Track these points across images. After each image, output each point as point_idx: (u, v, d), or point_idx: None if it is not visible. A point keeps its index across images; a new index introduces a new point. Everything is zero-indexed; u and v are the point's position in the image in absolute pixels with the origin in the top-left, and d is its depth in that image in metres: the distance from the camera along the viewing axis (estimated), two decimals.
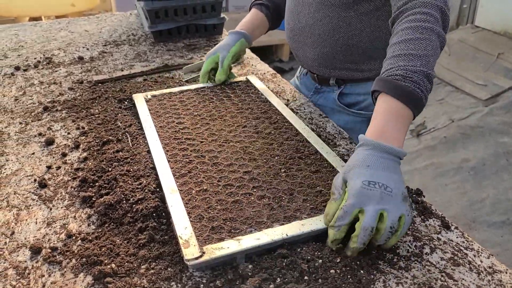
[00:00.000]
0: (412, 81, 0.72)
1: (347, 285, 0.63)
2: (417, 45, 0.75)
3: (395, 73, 0.74)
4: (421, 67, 0.73)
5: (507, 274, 0.65)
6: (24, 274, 0.68)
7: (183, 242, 0.67)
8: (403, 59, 0.75)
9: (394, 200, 0.64)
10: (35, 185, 0.88)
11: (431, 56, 0.74)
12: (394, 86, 0.73)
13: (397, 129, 0.71)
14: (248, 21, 1.28)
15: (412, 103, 0.72)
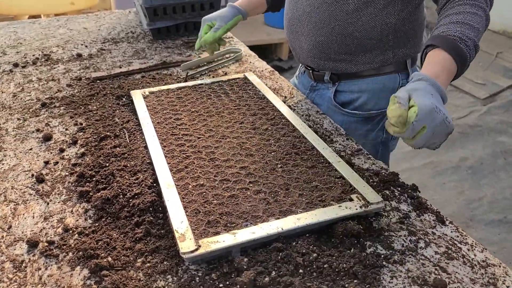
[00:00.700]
0: (466, 45, 0.81)
1: (341, 278, 0.63)
2: (473, 18, 0.84)
3: (453, 34, 0.82)
4: (474, 37, 0.82)
5: (501, 268, 0.66)
6: (21, 267, 0.68)
7: (179, 235, 0.67)
8: (460, 26, 0.83)
9: (447, 130, 0.73)
10: (33, 180, 0.88)
11: (481, 32, 0.85)
12: (451, 44, 0.81)
13: (446, 78, 0.80)
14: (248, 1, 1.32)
15: (460, 62, 0.81)
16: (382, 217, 0.76)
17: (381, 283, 0.63)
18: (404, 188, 0.83)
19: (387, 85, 1.13)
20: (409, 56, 1.13)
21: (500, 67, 3.36)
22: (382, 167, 0.90)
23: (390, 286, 0.63)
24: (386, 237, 0.72)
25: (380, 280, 0.64)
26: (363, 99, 1.15)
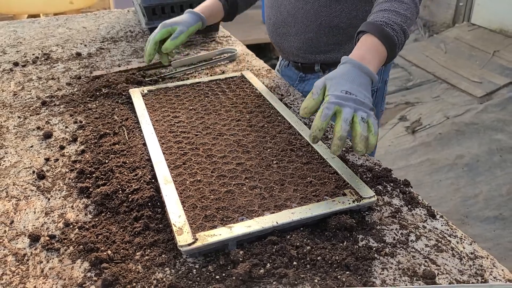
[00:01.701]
0: (392, 29, 0.88)
1: (334, 270, 0.65)
2: (400, 6, 0.91)
3: (380, 20, 0.89)
4: (401, 22, 0.89)
5: (488, 260, 0.68)
6: (23, 261, 0.70)
7: (177, 229, 0.69)
8: (388, 13, 0.90)
9: (364, 106, 0.77)
10: (34, 177, 0.90)
11: (409, 18, 0.91)
12: (377, 28, 0.88)
13: (374, 58, 0.85)
14: (207, 6, 1.31)
15: (388, 44, 0.87)
16: (374, 211, 0.78)
17: (372, 274, 0.65)
18: (396, 184, 0.86)
19: None
20: None
21: (496, 66, 3.38)
22: (376, 163, 0.93)
23: (381, 278, 0.65)
24: (378, 231, 0.74)
25: (372, 271, 0.66)
26: None
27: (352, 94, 0.77)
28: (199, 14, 1.25)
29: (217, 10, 1.32)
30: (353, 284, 0.62)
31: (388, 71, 1.31)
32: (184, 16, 1.25)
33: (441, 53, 3.82)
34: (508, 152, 2.50)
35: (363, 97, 0.78)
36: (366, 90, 0.80)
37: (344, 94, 0.77)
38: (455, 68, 3.53)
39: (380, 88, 1.29)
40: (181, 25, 1.22)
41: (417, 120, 2.96)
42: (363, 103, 0.77)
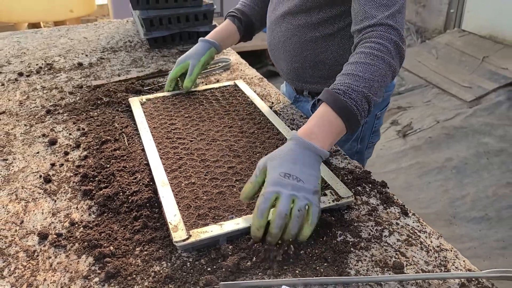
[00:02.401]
0: (351, 98, 0.81)
1: (314, 262, 0.73)
2: (364, 69, 0.84)
3: (338, 88, 0.83)
4: (363, 88, 0.82)
5: (452, 252, 0.76)
6: (33, 256, 0.77)
7: (172, 227, 0.77)
8: (349, 78, 0.83)
9: (304, 191, 0.72)
10: (41, 181, 0.97)
11: (376, 82, 0.83)
12: (333, 98, 0.81)
13: (325, 132, 0.79)
14: (219, 31, 1.33)
15: (344, 116, 0.80)
16: (353, 210, 0.86)
17: (348, 265, 0.73)
18: (374, 185, 0.93)
19: None
20: None
21: (485, 71, 3.48)
22: (357, 166, 1.00)
23: (356, 268, 0.72)
24: (355, 227, 0.81)
25: (347, 263, 0.73)
26: None
27: (291, 176, 0.72)
28: (210, 41, 1.27)
29: (231, 33, 1.33)
30: (329, 274, 0.70)
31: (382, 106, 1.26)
32: (196, 47, 1.28)
33: (433, 58, 3.91)
34: (495, 155, 2.59)
35: (305, 178, 0.73)
36: (312, 168, 0.75)
37: (282, 178, 0.72)
38: (446, 74, 3.63)
39: (368, 122, 1.25)
40: (193, 58, 1.25)
41: (408, 124, 3.05)
42: (303, 188, 0.72)
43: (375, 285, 0.69)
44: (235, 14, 1.34)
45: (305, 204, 0.72)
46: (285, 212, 0.71)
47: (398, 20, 0.90)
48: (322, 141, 0.78)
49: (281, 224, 0.71)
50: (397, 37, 0.88)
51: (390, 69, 0.87)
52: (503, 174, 2.43)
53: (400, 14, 0.91)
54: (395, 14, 0.90)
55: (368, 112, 0.84)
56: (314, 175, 0.75)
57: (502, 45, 3.78)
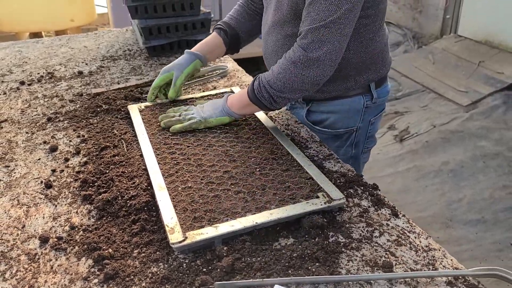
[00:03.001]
0: (256, 83, 1.09)
1: (306, 262, 0.75)
2: (277, 68, 1.05)
3: (262, 74, 1.09)
4: (266, 83, 1.06)
5: (440, 251, 0.78)
6: (34, 259, 0.80)
7: (169, 229, 0.80)
8: (270, 70, 1.08)
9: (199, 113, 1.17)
10: (42, 186, 1.00)
11: (280, 81, 1.04)
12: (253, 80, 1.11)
13: (237, 100, 1.15)
14: (205, 44, 1.35)
15: (250, 94, 1.10)
16: (345, 211, 0.88)
17: (339, 265, 0.75)
18: (366, 187, 0.96)
19: (353, 106, 1.24)
20: (371, 80, 1.22)
21: (482, 75, 3.51)
22: (349, 169, 1.03)
23: (347, 268, 0.75)
24: (347, 228, 0.84)
25: (339, 263, 0.76)
26: (332, 119, 1.25)
27: (202, 107, 1.19)
28: (195, 53, 1.30)
29: (216, 46, 1.35)
30: (321, 273, 0.72)
31: (373, 113, 1.29)
32: (181, 59, 1.31)
33: (429, 64, 3.95)
34: (491, 158, 2.61)
35: (206, 110, 1.18)
36: (214, 110, 1.17)
37: (198, 107, 1.21)
38: (442, 78, 3.66)
39: (362, 128, 1.28)
40: (176, 69, 1.29)
41: (405, 128, 3.07)
42: (198, 112, 1.17)
43: (365, 283, 0.71)
44: (221, 27, 1.35)
45: (189, 117, 1.16)
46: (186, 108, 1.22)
47: (319, 34, 0.98)
48: (232, 104, 1.15)
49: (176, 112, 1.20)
50: (306, 49, 1.00)
51: (296, 76, 1.03)
52: (499, 177, 2.45)
53: (326, 29, 0.98)
54: (319, 28, 0.98)
55: (272, 101, 1.07)
56: (211, 113, 1.16)
57: (498, 50, 3.82)
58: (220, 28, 1.36)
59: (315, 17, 0.98)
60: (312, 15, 0.98)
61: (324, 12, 0.97)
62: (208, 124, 1.14)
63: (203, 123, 1.14)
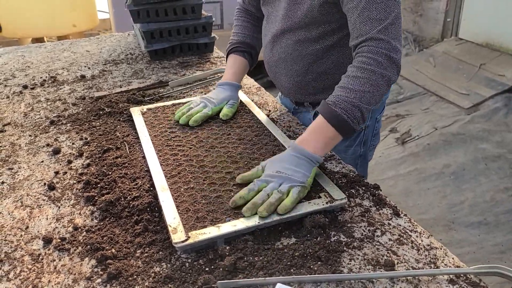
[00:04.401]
0: (341, 108, 0.92)
1: (308, 261, 0.76)
2: (355, 82, 0.94)
3: (330, 99, 0.95)
4: (354, 99, 0.92)
5: (441, 250, 0.78)
6: (38, 260, 0.80)
7: (172, 229, 0.80)
8: (341, 90, 0.95)
9: (290, 181, 0.88)
10: (45, 188, 1.01)
11: (367, 92, 0.93)
12: (325, 108, 0.94)
13: (317, 139, 0.93)
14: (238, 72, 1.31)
15: (336, 123, 0.92)
16: (346, 211, 0.89)
17: (340, 264, 0.76)
18: (367, 187, 0.96)
19: None
20: None
21: (483, 78, 3.52)
22: (351, 170, 1.03)
23: (348, 267, 0.75)
24: (349, 228, 0.84)
25: (340, 262, 0.76)
26: None
27: (282, 173, 0.89)
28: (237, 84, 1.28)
29: (245, 70, 1.34)
30: (323, 272, 0.73)
31: (380, 110, 1.32)
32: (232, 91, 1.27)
33: (430, 66, 3.96)
34: (492, 161, 2.61)
35: (294, 174, 0.88)
36: (302, 168, 0.90)
37: (274, 173, 0.89)
38: (443, 81, 3.67)
39: (370, 126, 1.31)
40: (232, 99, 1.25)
41: (407, 131, 3.08)
42: (289, 179, 0.88)
43: (367, 282, 0.72)
44: (244, 49, 1.33)
45: (287, 187, 0.86)
46: (267, 191, 0.86)
47: (390, 32, 0.96)
48: (314, 147, 0.93)
49: (262, 197, 0.85)
50: (388, 49, 0.95)
51: (383, 79, 0.95)
52: (500, 180, 2.45)
53: (393, 26, 0.96)
54: (388, 27, 0.95)
55: (361, 119, 0.94)
56: (302, 173, 0.89)
57: (498, 53, 3.83)
58: (243, 51, 1.32)
59: (378, 18, 0.95)
60: (374, 16, 0.95)
61: (385, 10, 0.95)
62: (309, 187, 0.90)
63: (307, 188, 0.89)
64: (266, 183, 0.88)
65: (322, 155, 0.93)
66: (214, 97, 1.25)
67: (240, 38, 1.35)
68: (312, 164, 0.91)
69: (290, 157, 0.92)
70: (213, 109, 1.21)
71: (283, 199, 0.85)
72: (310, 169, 0.91)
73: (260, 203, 0.84)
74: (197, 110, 1.21)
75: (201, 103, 1.24)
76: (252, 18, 1.38)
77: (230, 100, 1.25)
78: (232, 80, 1.29)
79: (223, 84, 1.28)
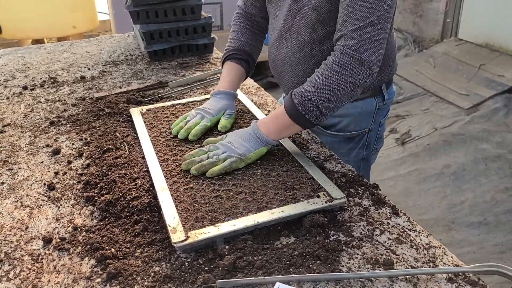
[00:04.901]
0: (298, 100, 0.98)
1: (307, 260, 0.76)
2: (318, 78, 0.98)
3: (294, 90, 1.01)
4: (312, 94, 0.97)
5: (440, 249, 0.78)
6: (38, 259, 0.80)
7: (171, 229, 0.80)
8: (307, 83, 1.00)
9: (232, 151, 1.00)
10: (45, 188, 1.01)
11: (326, 90, 0.96)
12: (288, 98, 1.01)
13: (273, 124, 1.03)
14: (235, 80, 1.29)
15: (291, 114, 1.00)
16: (345, 210, 0.89)
17: (340, 263, 0.76)
18: (366, 187, 0.96)
19: (365, 108, 1.24)
20: (383, 81, 1.23)
21: (482, 78, 3.52)
22: (350, 169, 1.04)
23: (347, 266, 0.75)
24: (348, 227, 0.84)
25: (339, 261, 0.76)
26: (345, 122, 1.25)
27: (231, 144, 1.01)
28: (233, 93, 1.26)
29: (242, 78, 1.31)
30: (322, 271, 0.73)
31: (383, 114, 1.31)
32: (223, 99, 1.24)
33: (430, 67, 3.96)
34: (492, 161, 2.61)
35: (239, 147, 1.00)
36: (249, 144, 1.01)
37: (225, 142, 1.03)
38: (443, 82, 3.67)
39: (373, 129, 1.29)
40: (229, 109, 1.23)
41: (407, 132, 3.08)
42: (232, 149, 1.00)
43: (366, 281, 0.72)
44: (242, 57, 1.29)
45: (224, 156, 0.99)
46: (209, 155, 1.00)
47: (367, 33, 0.94)
48: (268, 130, 1.03)
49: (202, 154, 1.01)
50: (357, 50, 0.94)
51: (346, 80, 0.96)
52: (500, 180, 2.45)
53: (372, 27, 0.94)
54: (365, 27, 0.94)
55: (320, 114, 0.98)
56: (246, 147, 1.01)
57: (498, 53, 3.83)
58: (240, 59, 1.29)
59: (359, 16, 0.94)
60: (355, 14, 0.94)
61: (368, 10, 0.93)
62: (248, 161, 1.00)
63: (244, 160, 0.99)
64: (215, 149, 1.01)
65: (275, 139, 1.03)
66: (210, 107, 1.20)
67: (237, 45, 1.30)
68: (261, 143, 1.02)
69: (245, 133, 1.03)
70: (211, 120, 1.18)
71: (217, 165, 0.97)
72: (257, 147, 1.01)
73: (197, 161, 0.98)
74: (195, 123, 1.16)
75: (197, 115, 1.19)
76: (251, 24, 1.33)
77: (227, 110, 1.21)
78: (227, 89, 1.25)
79: (218, 93, 1.24)
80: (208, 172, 0.96)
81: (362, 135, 1.29)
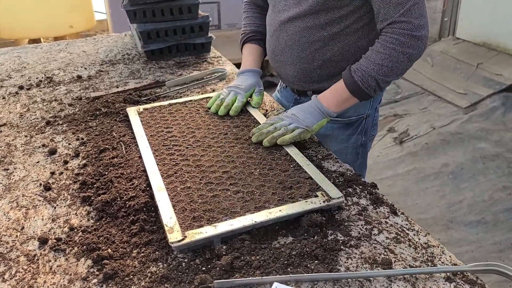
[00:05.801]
0: (358, 75, 1.07)
1: (305, 260, 0.75)
2: (377, 56, 1.06)
3: (353, 66, 1.09)
4: (372, 70, 1.06)
5: (439, 248, 0.78)
6: (33, 260, 0.80)
7: (168, 229, 0.80)
8: (364, 60, 1.08)
9: (298, 122, 1.08)
10: (41, 189, 1.00)
11: (385, 66, 1.06)
12: (346, 73, 1.10)
13: (333, 97, 1.12)
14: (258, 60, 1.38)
15: (351, 87, 1.09)
16: (343, 210, 0.88)
17: (338, 263, 0.75)
18: (364, 186, 0.96)
19: None
20: None
21: (480, 77, 3.52)
22: (348, 169, 1.03)
23: (346, 265, 0.75)
24: (346, 227, 0.84)
25: (337, 260, 0.76)
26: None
27: (295, 116, 1.09)
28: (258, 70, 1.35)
29: (262, 55, 1.40)
30: (320, 271, 0.72)
31: (378, 99, 1.36)
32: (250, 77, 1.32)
33: (428, 66, 3.97)
34: (491, 160, 2.61)
35: (304, 119, 1.09)
36: (313, 116, 1.09)
37: (289, 115, 1.10)
38: (441, 81, 3.67)
39: (371, 115, 1.33)
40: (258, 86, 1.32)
41: (405, 131, 3.08)
42: (298, 121, 1.08)
43: (364, 280, 0.71)
44: (260, 37, 1.39)
45: (293, 127, 1.07)
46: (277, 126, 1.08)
47: (413, 13, 1.03)
48: (329, 103, 1.11)
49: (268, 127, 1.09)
50: (410, 29, 1.04)
51: (404, 56, 1.05)
52: (499, 178, 2.45)
53: (415, 6, 1.03)
54: (410, 9, 1.03)
55: (378, 87, 1.08)
56: (310, 120, 1.09)
57: (496, 52, 3.83)
58: (258, 39, 1.39)
59: (399, 2, 1.02)
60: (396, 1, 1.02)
61: None
62: (313, 132, 1.09)
63: (309, 132, 1.08)
64: (280, 120, 1.09)
65: (335, 111, 1.11)
66: (241, 84, 1.29)
67: (253, 28, 1.40)
68: (322, 115, 1.10)
69: (307, 106, 1.11)
70: (245, 95, 1.27)
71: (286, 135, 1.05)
72: (319, 118, 1.09)
73: (265, 132, 1.07)
74: (232, 100, 1.25)
75: (231, 92, 1.27)
76: (260, 10, 1.42)
77: (256, 87, 1.30)
78: (252, 67, 1.33)
79: (245, 71, 1.33)
80: (279, 140, 1.05)
81: (361, 121, 1.32)
